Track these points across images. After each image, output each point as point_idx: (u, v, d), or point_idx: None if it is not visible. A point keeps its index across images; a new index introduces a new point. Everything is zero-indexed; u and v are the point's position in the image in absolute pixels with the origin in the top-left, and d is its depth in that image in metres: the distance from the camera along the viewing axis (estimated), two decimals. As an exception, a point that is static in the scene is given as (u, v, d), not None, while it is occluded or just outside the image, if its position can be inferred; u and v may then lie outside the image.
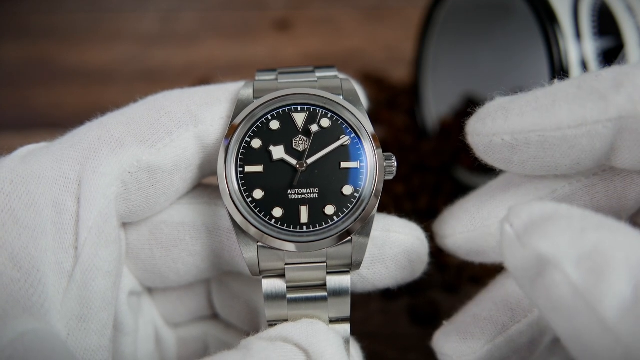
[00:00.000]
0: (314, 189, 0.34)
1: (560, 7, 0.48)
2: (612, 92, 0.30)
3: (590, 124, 0.31)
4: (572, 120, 0.31)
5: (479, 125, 0.33)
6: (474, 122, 0.34)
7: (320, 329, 0.32)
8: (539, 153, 0.32)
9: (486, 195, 0.37)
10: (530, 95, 0.33)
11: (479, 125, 0.33)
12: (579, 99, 0.31)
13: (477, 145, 0.34)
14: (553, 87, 0.33)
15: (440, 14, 0.61)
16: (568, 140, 0.31)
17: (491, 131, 0.33)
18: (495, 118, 0.33)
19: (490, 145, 0.33)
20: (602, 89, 0.31)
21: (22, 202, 0.31)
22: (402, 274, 0.37)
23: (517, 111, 0.32)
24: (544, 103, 0.32)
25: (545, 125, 0.31)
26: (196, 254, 0.37)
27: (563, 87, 0.32)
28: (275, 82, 0.37)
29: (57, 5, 0.88)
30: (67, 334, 0.32)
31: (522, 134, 0.32)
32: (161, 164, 0.34)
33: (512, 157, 0.33)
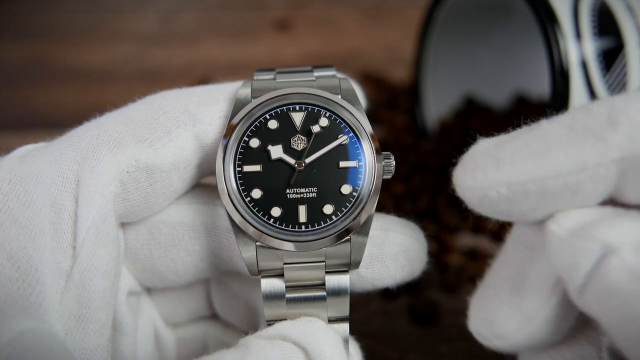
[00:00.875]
0: (312, 188, 0.34)
1: (560, 7, 0.48)
2: (609, 131, 0.28)
3: (591, 168, 0.28)
4: (571, 165, 0.28)
5: (469, 178, 0.30)
6: (462, 175, 0.30)
7: (318, 327, 0.32)
8: (539, 203, 0.29)
9: None
10: (519, 140, 0.30)
11: (469, 179, 0.30)
12: (575, 142, 0.29)
13: (470, 199, 0.30)
14: (542, 129, 0.30)
15: (440, 14, 0.61)
16: (570, 187, 0.29)
17: (484, 184, 0.29)
18: (486, 170, 0.30)
19: (484, 199, 0.30)
20: (597, 129, 0.28)
21: (20, 202, 0.31)
22: (401, 273, 0.36)
23: (509, 160, 0.29)
24: (537, 148, 0.29)
25: (543, 173, 0.29)
26: (195, 253, 0.37)
27: (554, 129, 0.29)
28: (273, 82, 0.37)
29: (57, 5, 0.88)
30: (65, 333, 0.31)
31: (519, 185, 0.29)
32: (159, 163, 0.34)
33: (511, 209, 0.30)
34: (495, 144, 0.30)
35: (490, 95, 0.67)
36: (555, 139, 0.29)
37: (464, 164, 0.31)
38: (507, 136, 0.31)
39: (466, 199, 0.31)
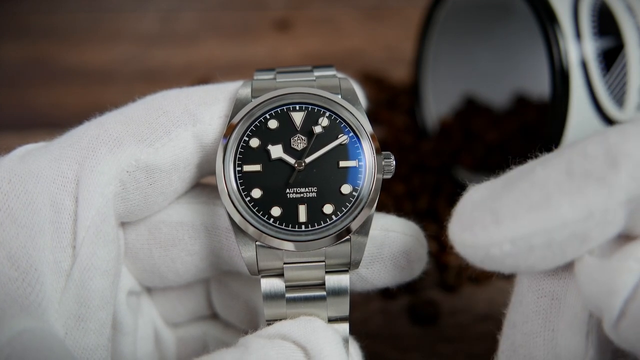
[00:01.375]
0: (312, 188, 0.34)
1: (560, 7, 0.48)
2: (611, 173, 0.27)
3: (598, 214, 0.27)
4: (577, 214, 0.27)
5: (468, 236, 0.28)
6: (459, 232, 0.28)
7: (318, 326, 0.32)
8: (546, 255, 0.28)
9: None
10: (516, 190, 0.28)
11: (468, 236, 0.28)
12: (577, 189, 0.27)
13: (472, 257, 0.28)
14: (537, 176, 0.28)
15: (440, 14, 0.61)
16: (577, 235, 0.27)
17: (485, 242, 0.28)
18: (485, 226, 0.28)
19: (487, 257, 0.28)
20: (597, 171, 0.27)
21: (20, 201, 0.32)
22: (401, 273, 0.36)
23: (510, 214, 0.27)
24: (537, 200, 0.27)
25: (548, 225, 0.27)
26: (195, 253, 0.37)
27: (551, 176, 0.28)
28: (273, 82, 0.37)
29: (57, 5, 0.88)
30: (65, 333, 0.32)
31: (523, 240, 0.27)
32: (159, 163, 0.34)
33: (518, 264, 0.28)
34: (490, 195, 0.29)
35: (490, 95, 0.67)
36: (555, 187, 0.27)
37: (460, 219, 0.29)
38: (501, 184, 0.29)
39: (467, 257, 0.29)
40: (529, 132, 0.62)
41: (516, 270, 0.29)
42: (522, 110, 0.65)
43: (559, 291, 0.30)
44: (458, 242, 0.29)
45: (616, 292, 0.26)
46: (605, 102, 0.48)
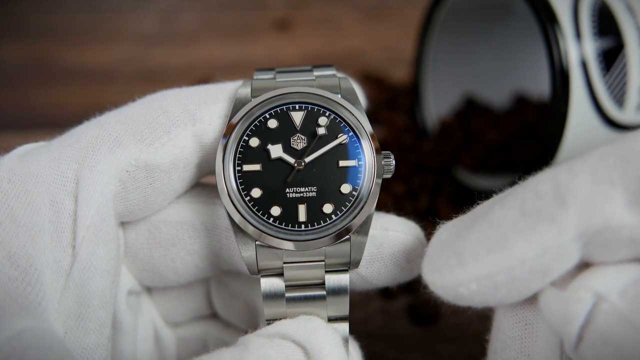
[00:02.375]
0: (312, 187, 0.34)
1: (560, 7, 0.48)
2: (560, 211, 0.28)
3: (553, 250, 0.28)
4: (533, 252, 0.28)
5: (437, 278, 0.30)
6: (430, 274, 0.30)
7: (318, 326, 0.32)
8: (511, 290, 0.29)
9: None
10: (477, 231, 0.30)
11: (437, 278, 0.30)
12: (530, 227, 0.28)
13: (443, 296, 0.30)
14: (496, 216, 0.30)
15: (440, 14, 0.61)
16: (537, 270, 0.29)
17: (452, 283, 0.29)
18: (451, 268, 0.29)
19: (457, 296, 0.30)
20: (547, 210, 0.28)
21: (19, 201, 0.32)
22: (401, 273, 0.36)
23: (472, 256, 0.29)
24: (496, 240, 0.29)
25: (508, 264, 0.29)
26: (195, 253, 0.37)
27: (507, 216, 0.29)
28: (273, 81, 0.37)
29: (57, 5, 0.88)
30: (64, 332, 0.32)
31: (487, 279, 0.29)
32: (159, 162, 0.34)
33: (487, 300, 0.30)
34: (455, 236, 0.30)
35: (490, 95, 0.67)
36: (511, 226, 0.29)
37: (429, 261, 0.31)
38: (465, 224, 0.31)
39: (440, 296, 0.30)
40: (529, 132, 0.62)
41: (487, 305, 0.30)
42: (522, 110, 0.65)
43: (531, 318, 0.31)
44: (430, 283, 0.30)
45: (571, 321, 0.28)
46: (605, 102, 0.48)
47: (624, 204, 0.28)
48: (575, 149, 0.48)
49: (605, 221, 0.28)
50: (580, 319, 0.28)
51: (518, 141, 0.62)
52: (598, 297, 0.28)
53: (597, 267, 0.29)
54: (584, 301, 0.28)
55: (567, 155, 0.49)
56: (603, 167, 0.28)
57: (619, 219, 0.28)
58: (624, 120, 0.49)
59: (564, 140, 0.48)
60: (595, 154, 0.29)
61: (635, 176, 0.28)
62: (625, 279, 0.28)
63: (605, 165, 0.28)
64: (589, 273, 0.29)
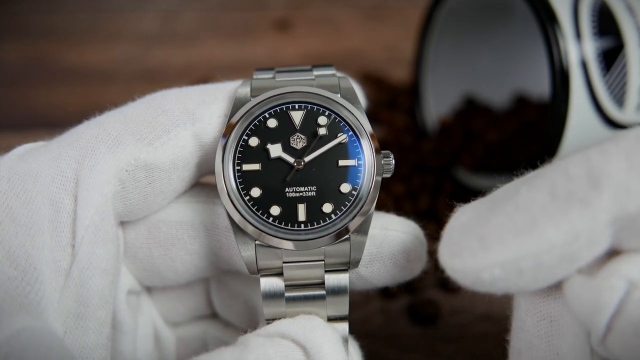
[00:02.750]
0: (311, 186, 0.34)
1: (560, 7, 0.48)
2: (594, 195, 0.27)
3: (584, 236, 0.27)
4: (563, 236, 0.27)
5: (458, 262, 0.28)
6: (449, 258, 0.29)
7: (317, 325, 0.32)
8: (537, 277, 0.28)
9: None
10: (502, 214, 0.28)
11: (458, 262, 0.28)
12: (561, 211, 0.27)
13: (463, 281, 0.29)
14: (523, 199, 0.28)
15: (440, 14, 0.61)
16: (566, 257, 0.28)
17: (474, 268, 0.28)
18: (474, 252, 0.28)
19: (478, 281, 0.28)
20: (580, 193, 0.27)
21: (19, 200, 0.32)
22: (400, 272, 0.36)
23: (497, 239, 0.28)
24: (523, 224, 0.28)
25: (535, 249, 0.27)
26: (194, 252, 0.37)
27: (536, 199, 0.28)
28: (272, 81, 0.37)
29: (57, 5, 0.88)
30: (64, 331, 0.31)
31: (512, 264, 0.28)
32: (159, 162, 0.34)
33: (509, 287, 0.29)
34: (477, 219, 0.29)
35: (490, 95, 0.67)
36: (540, 210, 0.28)
37: (448, 245, 0.29)
38: (487, 207, 0.29)
39: (458, 281, 0.29)
40: (529, 132, 0.62)
41: (508, 292, 0.29)
42: (522, 110, 0.65)
43: (556, 312, 0.30)
44: (448, 267, 0.29)
45: (601, 310, 0.27)
46: (605, 102, 0.48)
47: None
48: (575, 149, 0.48)
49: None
50: (612, 307, 0.27)
51: (518, 141, 0.62)
52: (630, 284, 0.26)
53: (629, 254, 0.28)
54: (615, 288, 0.27)
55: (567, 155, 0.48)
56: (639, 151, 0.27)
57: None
58: (624, 120, 0.49)
59: (564, 140, 0.48)
60: (629, 137, 0.28)
61: None
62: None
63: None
64: (621, 260, 0.28)
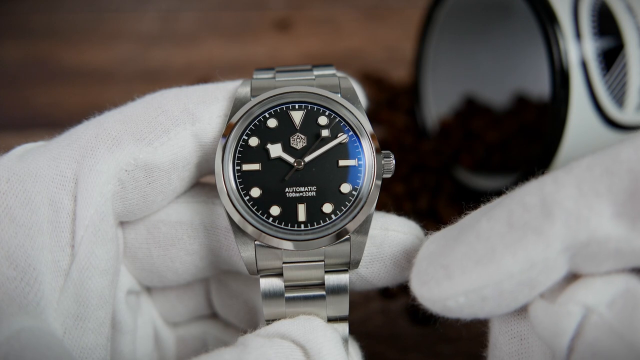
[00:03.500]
0: (311, 187, 0.34)
1: (560, 7, 0.48)
2: (546, 224, 0.28)
3: (540, 263, 0.28)
4: (520, 265, 0.28)
5: (425, 291, 0.30)
6: (418, 287, 0.30)
7: (317, 325, 0.32)
8: (500, 302, 0.29)
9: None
10: (464, 244, 0.30)
11: (425, 291, 0.30)
12: (517, 241, 0.28)
13: (432, 308, 0.30)
14: (483, 229, 0.29)
15: (440, 14, 0.61)
16: (525, 283, 0.29)
17: (441, 296, 0.29)
18: (438, 281, 0.29)
19: (445, 309, 0.30)
20: (534, 223, 0.28)
21: (18, 200, 0.31)
22: (401, 273, 0.36)
23: (460, 269, 0.29)
24: (483, 253, 0.29)
25: (495, 277, 0.28)
26: (194, 253, 0.37)
27: (495, 229, 0.29)
28: (272, 81, 0.36)
29: (57, 5, 0.88)
30: (63, 332, 0.31)
31: (475, 292, 0.29)
32: (158, 162, 0.34)
33: (475, 313, 0.30)
34: (443, 248, 0.30)
35: (490, 95, 0.67)
36: (498, 239, 0.29)
37: (417, 274, 0.30)
38: (452, 236, 0.31)
39: (428, 309, 0.30)
40: (529, 132, 0.62)
41: (476, 317, 0.30)
42: (522, 110, 0.65)
43: (526, 332, 0.31)
44: (418, 296, 0.30)
45: (561, 334, 0.28)
46: (605, 102, 0.48)
47: (610, 216, 0.27)
48: (575, 149, 0.48)
49: (592, 233, 0.28)
50: (570, 332, 0.28)
51: (518, 141, 0.62)
52: (587, 309, 0.28)
53: (585, 279, 0.29)
54: (573, 314, 0.28)
55: (567, 155, 0.48)
56: (589, 179, 0.28)
57: (605, 231, 0.27)
58: (624, 120, 0.49)
59: (564, 140, 0.48)
60: (581, 165, 0.29)
61: (621, 188, 0.27)
62: (613, 290, 0.28)
63: (591, 176, 0.28)
64: (577, 285, 0.29)
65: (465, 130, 0.63)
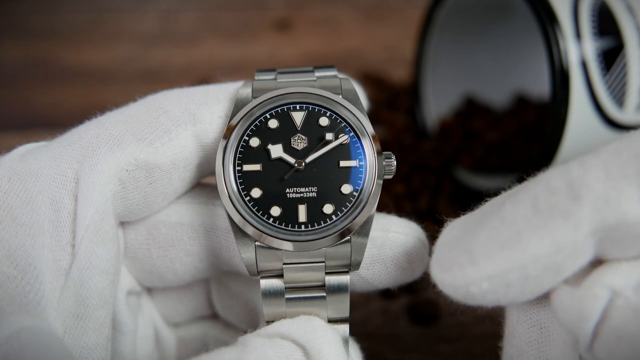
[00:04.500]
0: (312, 187, 0.34)
1: (560, 7, 0.48)
2: (574, 206, 0.28)
3: (567, 247, 0.28)
4: (547, 248, 0.28)
5: (447, 276, 0.29)
6: (439, 273, 0.30)
7: (318, 325, 0.32)
8: (524, 288, 0.29)
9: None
10: (488, 228, 0.29)
11: (448, 277, 0.29)
12: (544, 224, 0.28)
13: (454, 295, 0.30)
14: (507, 212, 0.29)
15: (440, 14, 0.61)
16: (551, 268, 0.28)
17: (463, 282, 0.29)
18: (462, 266, 0.29)
19: (468, 295, 0.29)
20: (561, 206, 0.28)
21: (19, 200, 0.31)
22: (402, 274, 0.36)
23: (484, 253, 0.29)
24: (508, 237, 0.28)
25: (521, 261, 0.28)
26: (194, 254, 0.37)
27: (520, 213, 0.29)
28: (274, 82, 0.36)
29: (57, 5, 0.88)
30: (63, 331, 0.31)
31: (500, 277, 0.28)
32: (159, 162, 0.34)
33: (498, 299, 0.29)
34: (465, 234, 0.30)
35: (490, 95, 0.67)
36: (523, 223, 0.28)
37: (438, 259, 0.30)
38: (474, 222, 0.30)
39: (449, 295, 0.30)
40: (529, 132, 0.62)
41: (499, 304, 0.30)
42: (522, 110, 0.65)
43: (546, 320, 0.31)
44: (439, 282, 0.30)
45: (587, 319, 0.28)
46: (605, 102, 0.48)
47: (639, 200, 0.27)
48: (575, 149, 0.48)
49: (621, 217, 0.27)
50: (596, 316, 0.28)
51: (518, 141, 0.62)
52: (613, 293, 0.27)
53: (611, 263, 0.29)
54: (599, 298, 0.27)
55: (567, 155, 0.49)
56: (617, 163, 0.28)
57: (634, 215, 0.27)
58: (624, 120, 0.49)
59: (564, 140, 0.48)
60: (608, 149, 0.29)
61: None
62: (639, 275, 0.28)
63: (619, 160, 0.28)
64: (604, 269, 0.28)
65: (465, 130, 0.63)
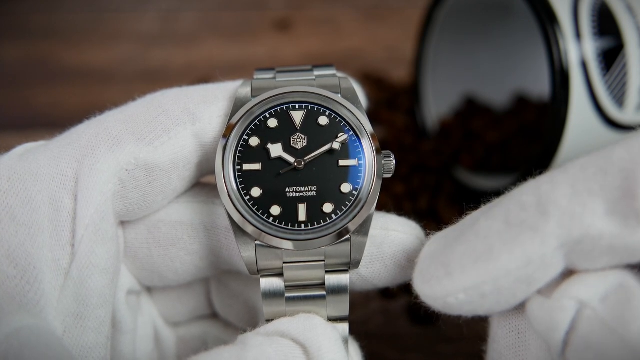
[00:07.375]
0: (312, 186, 0.34)
1: (560, 7, 0.48)
2: (542, 222, 0.29)
3: (537, 260, 0.29)
4: (517, 262, 0.29)
5: (426, 288, 0.31)
6: (420, 285, 0.31)
7: (317, 324, 0.32)
8: (499, 299, 0.30)
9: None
10: (464, 242, 0.31)
11: (427, 289, 0.31)
12: (514, 238, 0.29)
13: (434, 305, 0.31)
14: (482, 228, 0.30)
15: (440, 14, 0.61)
16: (522, 280, 0.29)
17: (441, 294, 0.30)
18: (440, 279, 0.30)
19: (446, 306, 0.31)
20: (530, 221, 0.29)
21: (19, 199, 0.32)
22: (401, 273, 0.36)
23: (459, 267, 0.30)
24: (482, 251, 0.30)
25: (493, 274, 0.29)
26: (194, 253, 0.37)
27: (493, 227, 0.30)
28: (273, 81, 0.36)
29: (57, 5, 0.88)
30: (63, 330, 0.31)
31: (474, 289, 0.30)
32: (159, 161, 0.34)
33: (475, 309, 0.31)
34: (444, 247, 0.31)
35: (490, 95, 0.67)
36: (496, 237, 0.30)
37: (420, 272, 0.32)
38: (453, 236, 0.32)
39: (430, 306, 0.32)
40: (529, 132, 0.62)
41: (477, 314, 0.31)
42: (522, 110, 0.65)
43: (523, 326, 0.32)
44: (420, 293, 0.32)
45: (556, 328, 0.29)
46: (605, 102, 0.48)
47: (603, 214, 0.28)
48: (575, 149, 0.48)
49: (585, 231, 0.28)
50: (565, 326, 0.29)
51: (518, 141, 0.62)
52: (580, 304, 0.28)
53: (580, 275, 0.30)
54: (567, 309, 0.29)
55: (567, 155, 0.49)
56: (583, 178, 0.29)
57: (598, 229, 0.28)
58: (624, 120, 0.49)
59: (564, 140, 0.48)
60: (575, 165, 0.30)
61: (614, 187, 0.28)
62: (606, 286, 0.29)
63: (585, 176, 0.29)
64: (572, 281, 0.29)
65: (465, 130, 0.63)
